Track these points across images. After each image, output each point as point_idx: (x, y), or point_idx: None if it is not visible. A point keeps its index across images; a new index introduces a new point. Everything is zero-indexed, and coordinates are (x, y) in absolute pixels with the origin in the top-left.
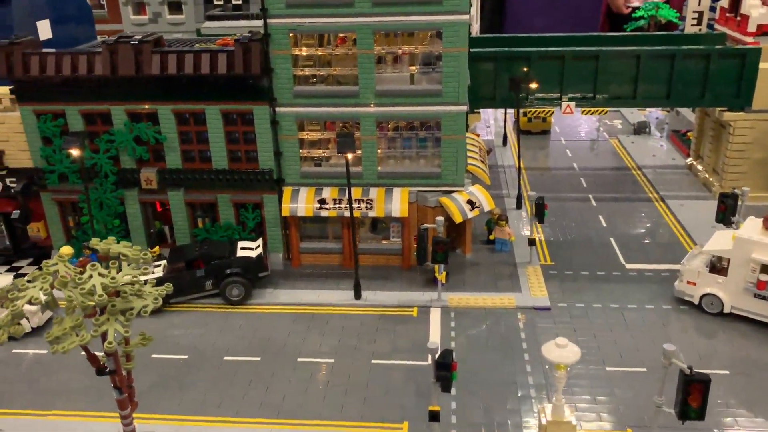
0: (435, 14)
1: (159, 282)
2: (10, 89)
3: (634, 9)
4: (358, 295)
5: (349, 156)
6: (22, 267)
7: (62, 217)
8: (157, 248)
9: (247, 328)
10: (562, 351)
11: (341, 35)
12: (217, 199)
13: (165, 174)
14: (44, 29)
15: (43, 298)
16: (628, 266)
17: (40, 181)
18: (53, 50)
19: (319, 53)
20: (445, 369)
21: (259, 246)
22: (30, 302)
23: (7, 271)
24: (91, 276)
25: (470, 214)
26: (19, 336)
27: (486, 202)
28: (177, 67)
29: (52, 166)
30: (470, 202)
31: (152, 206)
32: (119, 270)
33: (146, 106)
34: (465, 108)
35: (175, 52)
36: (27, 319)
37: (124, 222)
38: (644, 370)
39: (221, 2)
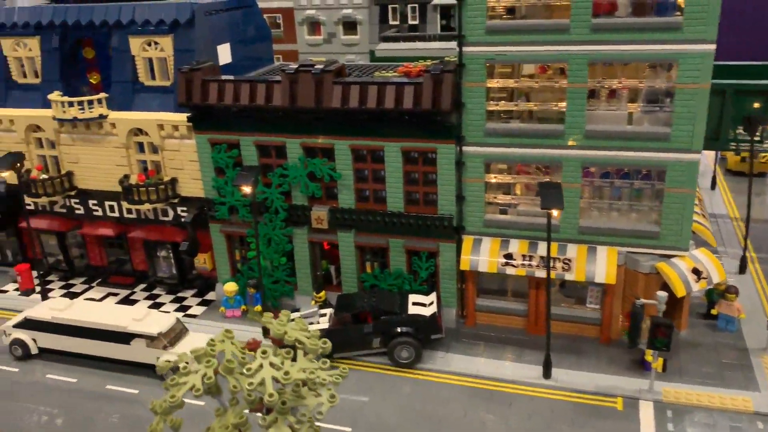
0: (671, 43)
1: (324, 334)
2: (187, 117)
3: None
4: (547, 374)
5: (555, 213)
6: (186, 298)
7: (229, 250)
8: (323, 293)
9: (416, 397)
10: None
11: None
12: (389, 243)
13: (336, 213)
14: (224, 53)
15: (204, 386)
16: None
17: (209, 212)
18: (232, 77)
19: (517, 85)
20: None
21: (432, 302)
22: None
23: (172, 301)
24: (261, 366)
25: (695, 287)
26: (178, 429)
27: (716, 271)
28: (359, 100)
29: (223, 198)
30: (696, 271)
31: (320, 245)
32: (293, 359)
33: (320, 140)
34: (699, 156)
35: (358, 83)
36: None
37: (291, 260)
38: None
39: (397, 22)
